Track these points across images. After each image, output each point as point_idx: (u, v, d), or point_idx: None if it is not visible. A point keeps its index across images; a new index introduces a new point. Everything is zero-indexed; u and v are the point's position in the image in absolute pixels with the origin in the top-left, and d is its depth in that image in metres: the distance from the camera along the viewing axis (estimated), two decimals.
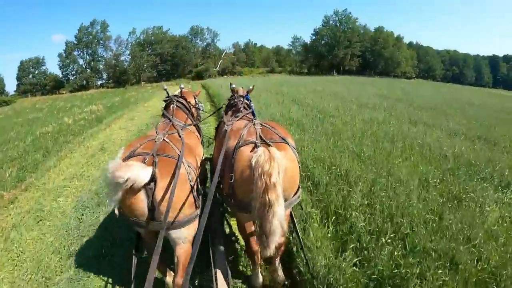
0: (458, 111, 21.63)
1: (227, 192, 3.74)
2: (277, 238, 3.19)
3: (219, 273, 3.92)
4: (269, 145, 3.52)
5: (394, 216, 5.05)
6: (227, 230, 5.84)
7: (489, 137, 12.53)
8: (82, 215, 6.83)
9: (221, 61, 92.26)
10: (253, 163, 3.19)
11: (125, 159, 3.41)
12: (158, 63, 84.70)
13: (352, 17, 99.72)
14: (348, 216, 5.16)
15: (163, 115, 5.33)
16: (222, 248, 4.39)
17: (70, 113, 22.98)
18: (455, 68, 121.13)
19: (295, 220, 4.56)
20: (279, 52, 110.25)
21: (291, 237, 4.88)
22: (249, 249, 4.08)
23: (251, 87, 6.41)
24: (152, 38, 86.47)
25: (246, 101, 5.74)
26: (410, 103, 23.60)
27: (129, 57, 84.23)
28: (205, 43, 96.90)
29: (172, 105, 5.51)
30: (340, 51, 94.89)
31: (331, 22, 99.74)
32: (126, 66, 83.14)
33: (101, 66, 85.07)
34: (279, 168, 3.18)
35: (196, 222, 3.63)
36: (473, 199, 5.88)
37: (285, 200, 3.39)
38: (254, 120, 4.24)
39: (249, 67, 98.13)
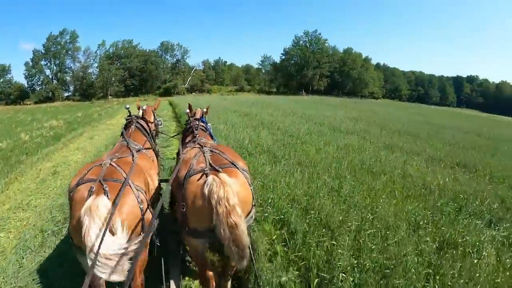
0: (432, 134, 21.47)
1: (180, 221, 3.77)
2: (248, 251, 3.40)
3: None
4: (219, 171, 3.64)
5: (389, 277, 4.36)
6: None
7: (468, 163, 12.42)
8: (23, 258, 5.82)
9: (190, 78, 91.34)
10: (206, 192, 3.36)
11: (74, 187, 3.40)
12: (127, 78, 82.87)
13: (322, 38, 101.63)
14: (335, 280, 4.39)
15: (122, 135, 5.31)
16: (177, 271, 4.58)
17: (28, 128, 21.91)
18: (420, 89, 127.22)
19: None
20: (248, 70, 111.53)
21: None
22: (202, 277, 4.02)
23: (205, 109, 6.62)
24: (122, 51, 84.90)
25: (202, 123, 5.90)
26: (382, 126, 23.05)
27: (97, 70, 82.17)
28: (175, 59, 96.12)
29: (131, 126, 5.48)
30: (309, 71, 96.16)
31: (301, 42, 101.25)
32: (93, 79, 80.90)
33: (68, 78, 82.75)
34: (233, 191, 3.36)
35: (146, 250, 3.68)
36: (468, 242, 5.46)
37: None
38: (204, 148, 4.27)
39: (218, 85, 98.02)
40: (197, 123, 5.78)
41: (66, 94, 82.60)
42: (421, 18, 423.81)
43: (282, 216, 6.01)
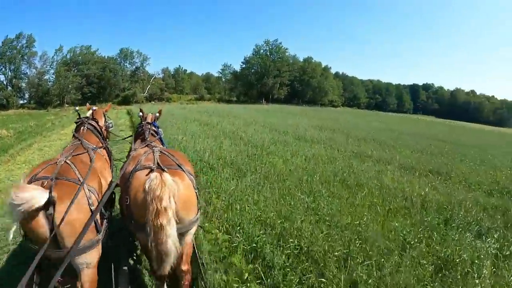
0: (398, 141, 21.62)
1: (125, 214, 3.89)
2: (171, 259, 3.42)
3: None
4: (164, 171, 3.71)
5: None
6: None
7: (440, 170, 12.70)
8: None
9: (149, 86, 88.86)
10: (146, 188, 3.42)
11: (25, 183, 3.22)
12: (84, 85, 79.16)
13: (283, 47, 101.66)
14: None
15: (74, 136, 5.29)
16: (125, 269, 4.58)
17: None
18: (378, 96, 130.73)
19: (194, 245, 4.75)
20: (208, 79, 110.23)
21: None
22: (152, 268, 3.97)
23: (157, 114, 6.66)
24: (79, 57, 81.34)
25: (153, 128, 5.98)
26: (347, 134, 23.07)
27: (54, 76, 78.05)
28: (134, 67, 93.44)
29: (82, 127, 5.47)
30: (269, 80, 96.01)
31: (261, 51, 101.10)
32: (49, 86, 76.53)
33: (23, 85, 77.68)
34: (170, 193, 3.39)
35: (100, 246, 3.60)
36: (465, 261, 5.20)
37: (179, 224, 3.55)
38: (154, 148, 4.38)
39: (178, 94, 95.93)
40: (149, 127, 5.86)
41: (21, 102, 77.28)
42: (379, 28, 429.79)
43: (254, 245, 5.30)
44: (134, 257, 5.51)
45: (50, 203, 3.07)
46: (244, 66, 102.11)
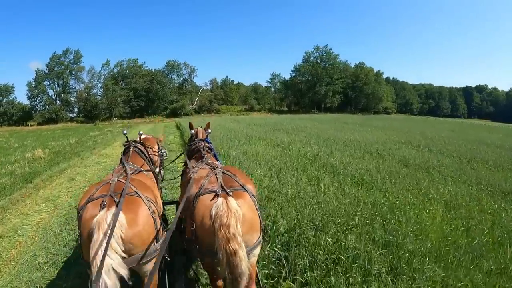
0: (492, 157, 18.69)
1: (190, 238, 3.82)
2: (246, 279, 3.41)
3: None
4: (229, 194, 3.65)
5: None
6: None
7: None
8: None
9: (197, 97, 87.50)
10: (213, 214, 3.44)
11: (84, 205, 3.45)
12: (132, 98, 79.37)
13: (333, 53, 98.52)
14: None
15: (121, 160, 5.33)
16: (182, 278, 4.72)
17: (5, 160, 17.51)
18: (431, 101, 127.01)
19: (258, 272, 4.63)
20: (257, 89, 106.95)
21: None
22: (214, 284, 4.13)
23: (209, 130, 6.40)
24: (127, 71, 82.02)
25: (207, 144, 5.85)
26: (459, 156, 18.82)
27: (101, 90, 79.05)
28: (181, 79, 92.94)
29: (129, 150, 5.51)
30: (321, 88, 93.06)
31: (311, 58, 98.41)
32: (98, 100, 77.32)
33: (72, 99, 78.96)
34: (237, 219, 3.41)
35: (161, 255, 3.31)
36: None
37: (247, 247, 3.52)
38: (216, 169, 4.26)
39: (227, 105, 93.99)
40: (202, 143, 5.75)
41: (70, 115, 79.07)
42: (427, 29, 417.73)
43: None
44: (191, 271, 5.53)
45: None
46: (294, 74, 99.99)
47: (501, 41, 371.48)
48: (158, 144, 6.57)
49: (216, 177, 3.97)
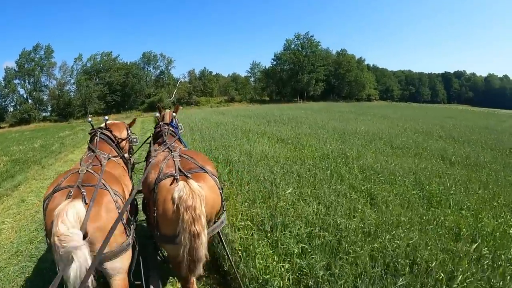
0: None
1: (153, 224, 3.84)
2: (202, 263, 3.53)
3: None
4: (188, 177, 3.71)
5: None
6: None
7: None
8: None
9: (176, 90, 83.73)
10: (176, 198, 3.44)
11: (50, 194, 3.38)
12: (107, 93, 74.71)
13: (315, 40, 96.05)
14: None
15: (88, 148, 5.22)
16: (157, 279, 4.54)
17: None
18: (411, 87, 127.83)
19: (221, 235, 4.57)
20: (236, 79, 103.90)
21: None
22: (183, 282, 4.17)
23: (174, 114, 6.33)
24: (100, 65, 77.17)
25: (171, 128, 5.85)
26: (473, 143, 17.48)
27: (74, 86, 74.40)
28: (158, 71, 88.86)
29: (96, 138, 5.33)
30: (304, 76, 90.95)
31: (293, 46, 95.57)
32: (71, 97, 72.51)
33: (44, 97, 73.98)
34: (201, 200, 3.47)
35: (130, 251, 3.60)
36: None
37: (208, 226, 3.72)
38: (173, 152, 4.29)
39: (206, 97, 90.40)
40: (167, 127, 5.76)
41: (44, 114, 73.90)
42: (401, 16, 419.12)
43: None
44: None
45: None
46: (275, 63, 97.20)
47: (478, 27, 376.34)
48: (127, 130, 6.32)
49: (174, 161, 3.99)
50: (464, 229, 6.04)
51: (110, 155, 4.87)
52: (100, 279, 3.32)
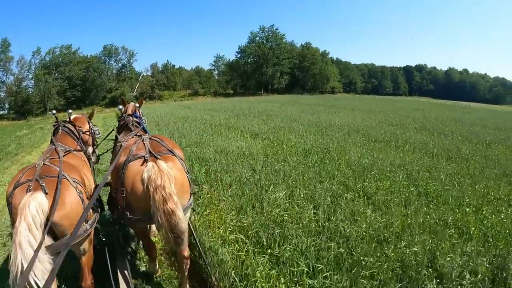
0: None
1: (122, 206, 3.89)
2: (186, 236, 3.67)
3: (121, 284, 4.12)
4: (157, 158, 3.81)
5: None
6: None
7: None
8: None
9: (138, 84, 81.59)
10: (145, 178, 3.55)
11: (11, 191, 3.41)
12: (67, 89, 71.17)
13: (280, 33, 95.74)
14: None
15: (51, 141, 5.19)
16: (124, 260, 4.58)
17: None
18: (374, 80, 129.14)
19: (191, 227, 4.99)
20: (199, 73, 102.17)
21: None
22: (147, 247, 4.52)
23: (137, 105, 6.43)
24: (60, 59, 73.85)
25: (135, 119, 5.88)
26: (450, 135, 17.71)
27: (33, 81, 70.51)
28: (120, 64, 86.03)
29: (58, 131, 5.39)
30: (268, 69, 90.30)
31: (257, 38, 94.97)
32: (29, 93, 68.55)
33: (1, 94, 69.78)
34: (170, 179, 3.57)
35: (92, 234, 3.81)
36: None
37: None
38: (143, 136, 4.38)
39: (169, 90, 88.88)
40: (131, 118, 5.80)
41: (1, 112, 70.15)
42: (367, 9, 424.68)
43: None
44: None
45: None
46: (239, 55, 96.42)
47: (438, 22, 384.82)
48: (89, 123, 6.28)
49: (144, 144, 4.05)
50: (473, 228, 5.75)
51: (70, 148, 4.88)
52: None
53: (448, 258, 4.61)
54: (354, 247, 4.80)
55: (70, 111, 6.30)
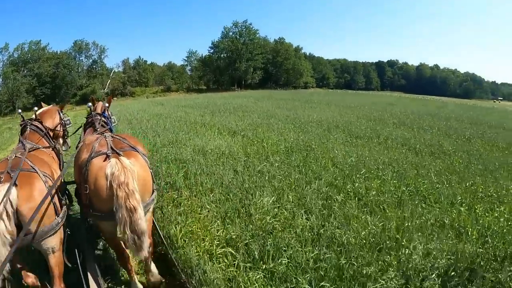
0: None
1: (85, 203, 3.86)
2: (147, 237, 3.60)
3: (91, 280, 4.02)
4: (120, 155, 3.80)
5: None
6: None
7: None
8: None
9: (109, 80, 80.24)
10: (109, 174, 3.54)
11: None
12: (36, 86, 69.26)
13: (253, 28, 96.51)
14: None
15: (19, 140, 5.20)
16: (93, 262, 4.43)
17: None
18: (346, 75, 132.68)
19: (155, 223, 5.07)
20: (172, 68, 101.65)
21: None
22: (120, 257, 4.25)
23: (107, 104, 6.40)
24: (28, 55, 71.73)
25: (103, 118, 5.88)
26: (429, 130, 17.90)
27: (0, 79, 68.79)
28: (90, 60, 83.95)
29: (26, 130, 5.33)
30: (241, 64, 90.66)
31: (230, 34, 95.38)
32: None
33: None
34: (133, 176, 3.58)
35: (61, 231, 3.73)
36: None
37: (142, 203, 3.67)
38: (105, 133, 4.42)
39: (141, 87, 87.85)
40: (99, 117, 5.80)
41: None
42: (338, 7, 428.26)
43: None
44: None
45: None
46: (212, 51, 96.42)
47: (410, 18, 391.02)
48: (59, 113, 6.24)
49: (106, 140, 4.06)
50: (470, 228, 5.55)
51: (39, 146, 4.88)
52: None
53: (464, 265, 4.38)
54: (356, 257, 4.42)
55: (36, 108, 6.20)
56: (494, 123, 25.52)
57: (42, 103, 6.80)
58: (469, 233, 5.39)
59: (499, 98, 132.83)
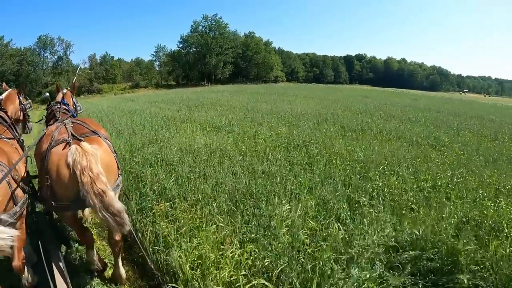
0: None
1: (46, 196, 3.65)
2: (125, 214, 3.37)
3: (57, 277, 3.86)
4: (81, 140, 3.71)
5: None
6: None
7: None
8: None
9: (76, 77, 76.87)
10: (70, 162, 3.38)
11: None
12: None
13: (223, 22, 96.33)
14: None
15: None
16: (59, 261, 4.18)
17: None
18: (315, 69, 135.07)
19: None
20: (140, 64, 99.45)
21: None
22: (82, 236, 4.20)
23: (65, 90, 6.21)
24: None
25: (64, 106, 5.72)
26: (416, 122, 18.11)
27: None
28: (56, 57, 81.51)
29: None
30: (211, 59, 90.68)
31: (200, 28, 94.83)
32: None
33: None
34: (96, 160, 3.45)
35: (23, 220, 3.68)
36: None
37: None
38: (65, 120, 4.29)
39: (109, 83, 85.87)
40: (59, 106, 5.65)
41: None
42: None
43: None
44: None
45: None
46: (181, 45, 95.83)
47: (375, 12, 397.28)
48: (19, 97, 5.85)
49: (66, 128, 3.95)
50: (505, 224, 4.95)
51: (1, 135, 4.62)
52: None
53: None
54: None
55: (4, 95, 5.89)
56: (472, 114, 26.01)
57: (4, 84, 6.41)
58: (506, 231, 4.73)
59: (465, 90, 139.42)
